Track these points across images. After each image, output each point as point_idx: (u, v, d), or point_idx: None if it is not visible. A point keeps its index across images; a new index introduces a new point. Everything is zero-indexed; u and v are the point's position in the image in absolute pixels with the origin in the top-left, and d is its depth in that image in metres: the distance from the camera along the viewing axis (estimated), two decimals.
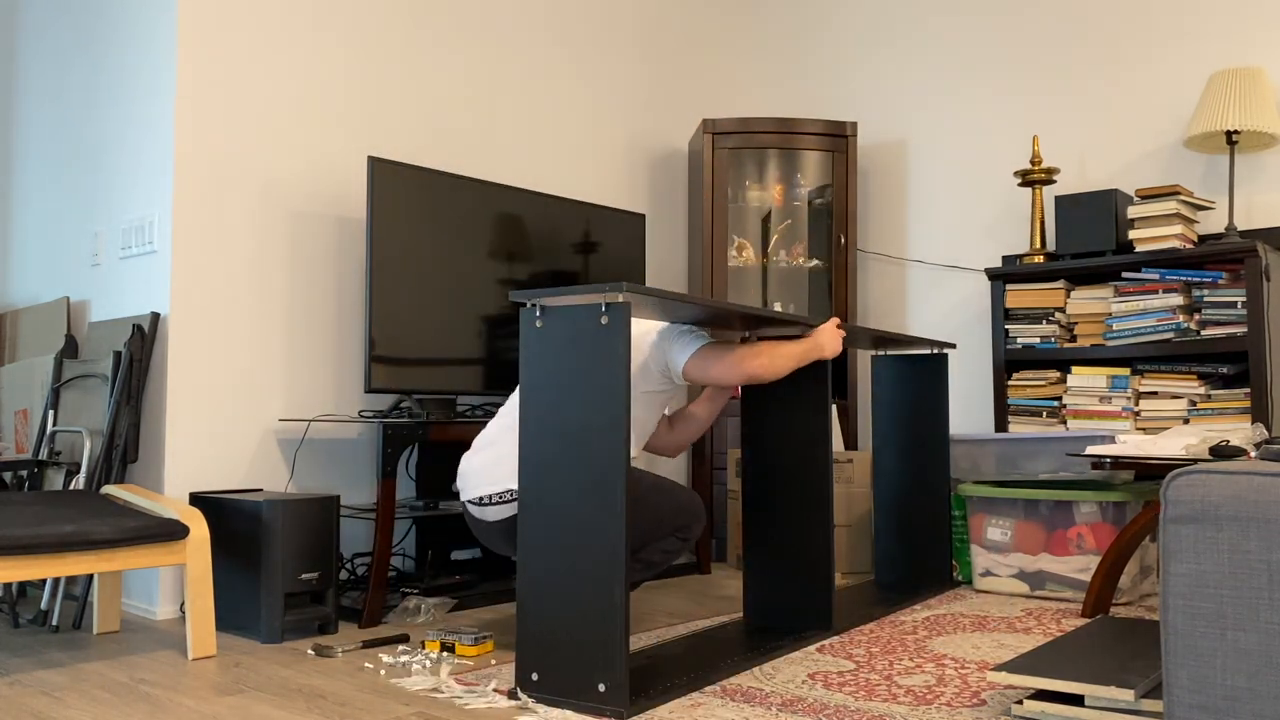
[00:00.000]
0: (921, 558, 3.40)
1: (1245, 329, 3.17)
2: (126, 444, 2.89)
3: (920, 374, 3.42)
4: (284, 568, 2.64)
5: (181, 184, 3.01)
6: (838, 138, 4.11)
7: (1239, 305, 3.19)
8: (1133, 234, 3.39)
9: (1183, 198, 3.33)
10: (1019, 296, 3.62)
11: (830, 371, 2.70)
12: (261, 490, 3.05)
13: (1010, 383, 3.62)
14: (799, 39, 4.66)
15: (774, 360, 2.44)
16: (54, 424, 3.15)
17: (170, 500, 2.59)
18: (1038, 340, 3.57)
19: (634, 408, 2.47)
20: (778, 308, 4.29)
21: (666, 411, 2.80)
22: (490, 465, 2.43)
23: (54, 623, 2.74)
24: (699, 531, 2.57)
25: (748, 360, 2.40)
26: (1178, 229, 3.32)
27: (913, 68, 4.31)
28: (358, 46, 3.43)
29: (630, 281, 3.90)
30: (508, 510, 2.40)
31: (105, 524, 2.34)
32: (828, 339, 2.59)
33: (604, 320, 1.99)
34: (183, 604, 2.95)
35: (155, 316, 2.99)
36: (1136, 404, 3.37)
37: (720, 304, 2.26)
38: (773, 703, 2.02)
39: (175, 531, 2.42)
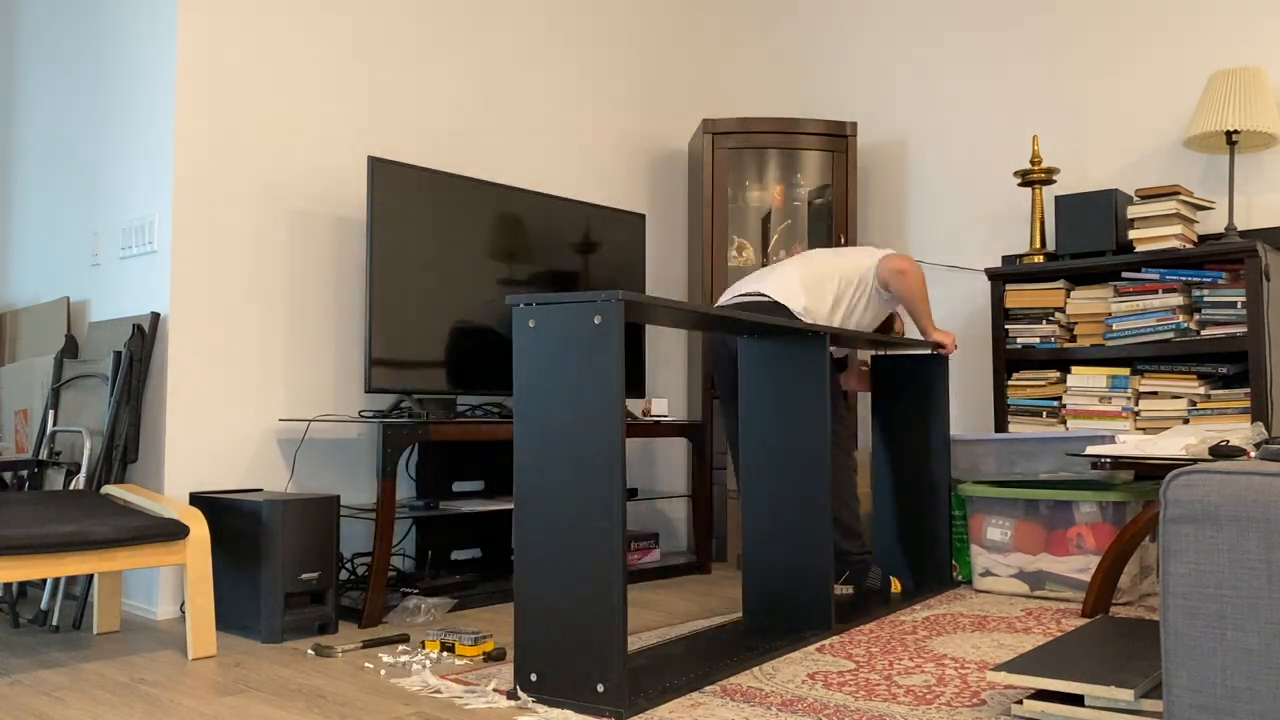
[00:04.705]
0: (921, 558, 3.40)
1: (1245, 329, 3.17)
2: (126, 444, 2.89)
3: (920, 374, 3.42)
4: (284, 568, 2.64)
5: (181, 184, 3.01)
6: (838, 138, 4.11)
7: (1239, 305, 3.19)
8: (1133, 234, 3.39)
9: (1183, 198, 3.33)
10: (1019, 296, 3.62)
11: (829, 370, 2.70)
12: (261, 490, 3.05)
13: (1010, 383, 3.62)
14: (799, 39, 4.66)
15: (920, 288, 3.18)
16: (54, 424, 3.15)
17: (170, 500, 2.59)
18: (1038, 340, 3.57)
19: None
20: None
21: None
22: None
23: (54, 623, 2.74)
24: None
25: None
26: (1178, 229, 3.32)
27: (913, 68, 4.31)
28: (358, 46, 3.43)
29: (631, 281, 3.90)
30: None
31: (105, 524, 2.34)
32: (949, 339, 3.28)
33: (597, 320, 1.99)
34: (183, 604, 2.95)
35: (155, 316, 2.99)
36: (1136, 404, 3.37)
37: (715, 311, 2.26)
38: (773, 703, 2.02)
39: (175, 531, 2.42)
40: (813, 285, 3.10)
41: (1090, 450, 2.78)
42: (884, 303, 3.24)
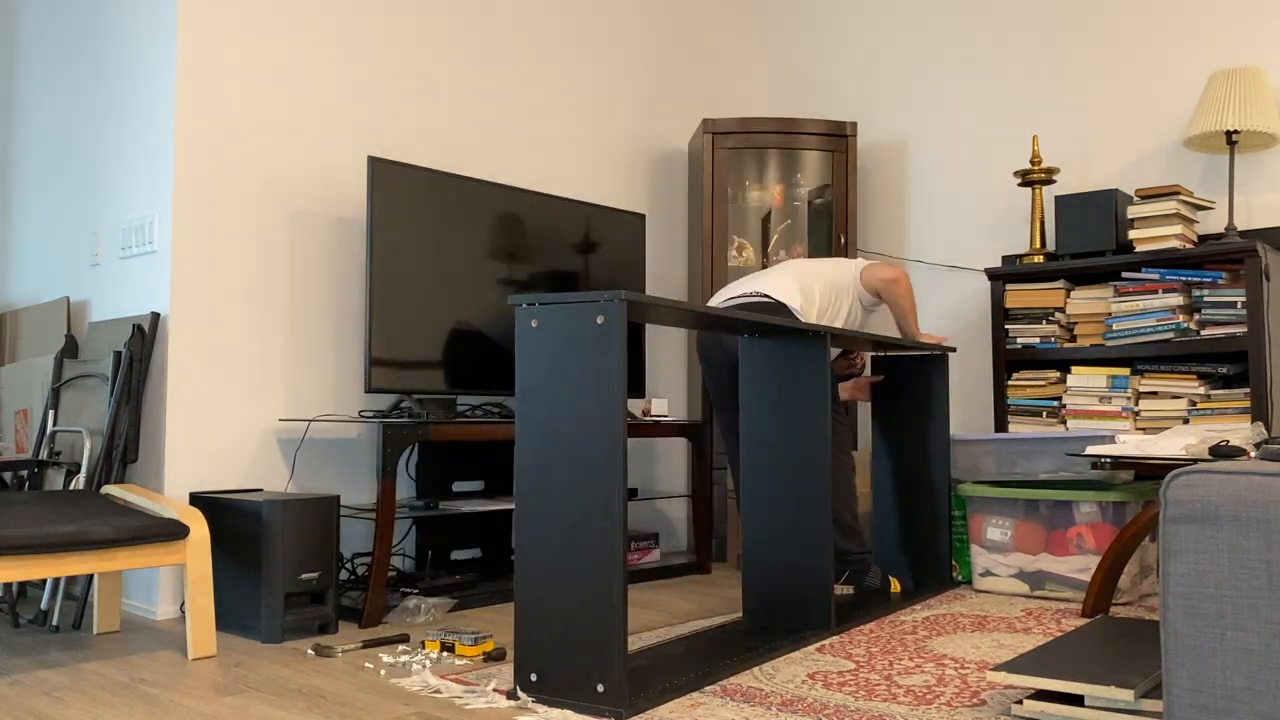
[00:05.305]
0: (921, 558, 3.40)
1: (1245, 329, 3.17)
2: (126, 444, 2.89)
3: (920, 374, 3.42)
4: (284, 568, 2.64)
5: (181, 184, 3.01)
6: (838, 138, 4.11)
7: (1239, 305, 3.19)
8: (1133, 234, 3.39)
9: (1183, 198, 3.33)
10: (1019, 296, 3.62)
11: (830, 371, 2.70)
12: (261, 490, 3.05)
13: (1010, 383, 3.62)
14: (799, 39, 4.66)
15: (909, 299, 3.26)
16: (54, 424, 3.15)
17: (170, 500, 2.59)
18: (1038, 340, 3.57)
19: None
20: None
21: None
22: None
23: (54, 623, 2.74)
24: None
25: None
26: (1178, 229, 3.32)
27: (913, 68, 4.31)
28: (358, 46, 3.43)
29: (631, 281, 3.91)
30: None
31: (105, 524, 2.34)
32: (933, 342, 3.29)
33: (600, 320, 2.00)
34: (183, 604, 2.95)
35: (155, 316, 2.99)
36: (1136, 404, 3.37)
37: (716, 311, 2.26)
38: (773, 703, 2.02)
39: (175, 531, 2.42)
40: (804, 288, 3.16)
41: (1090, 450, 2.78)
42: (864, 309, 3.32)
